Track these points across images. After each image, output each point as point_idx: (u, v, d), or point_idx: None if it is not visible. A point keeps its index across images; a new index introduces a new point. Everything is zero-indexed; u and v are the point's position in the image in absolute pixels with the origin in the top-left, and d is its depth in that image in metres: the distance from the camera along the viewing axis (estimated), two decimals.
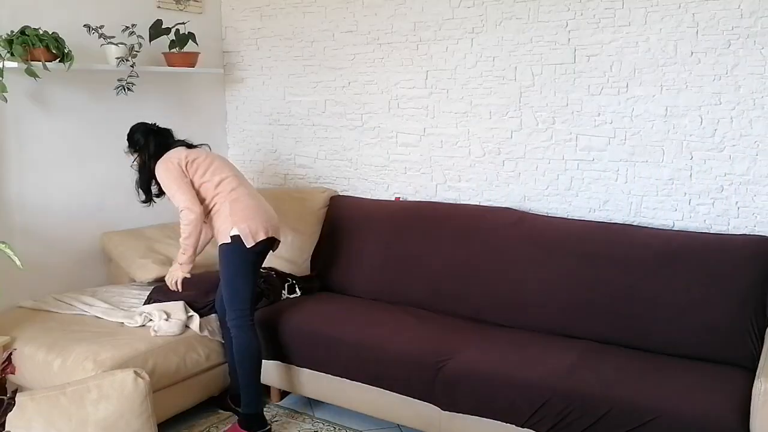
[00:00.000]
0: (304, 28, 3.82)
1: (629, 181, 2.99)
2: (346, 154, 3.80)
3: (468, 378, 2.51)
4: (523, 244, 3.00)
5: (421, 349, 2.69)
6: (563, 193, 3.15)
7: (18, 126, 3.16)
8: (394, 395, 2.71)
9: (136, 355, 2.69)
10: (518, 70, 3.18)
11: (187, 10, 3.89)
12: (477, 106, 3.31)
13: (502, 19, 3.18)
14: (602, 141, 3.02)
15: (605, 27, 2.94)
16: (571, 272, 2.83)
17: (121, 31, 3.41)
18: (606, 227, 2.92)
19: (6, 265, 1.89)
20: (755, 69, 2.66)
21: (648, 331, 2.64)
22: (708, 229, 2.83)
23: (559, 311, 2.83)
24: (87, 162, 3.46)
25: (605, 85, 2.97)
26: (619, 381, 2.35)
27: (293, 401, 3.19)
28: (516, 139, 3.23)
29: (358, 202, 3.60)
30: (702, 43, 2.75)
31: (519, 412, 2.39)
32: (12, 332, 2.84)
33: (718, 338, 2.53)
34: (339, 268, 3.43)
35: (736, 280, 2.55)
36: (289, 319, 3.02)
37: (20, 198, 3.18)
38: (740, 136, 2.73)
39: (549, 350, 2.63)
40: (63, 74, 3.13)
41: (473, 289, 3.04)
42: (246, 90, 4.13)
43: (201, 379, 2.98)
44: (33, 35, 2.97)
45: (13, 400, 1.31)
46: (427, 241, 3.22)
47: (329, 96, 3.80)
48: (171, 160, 2.87)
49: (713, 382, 2.34)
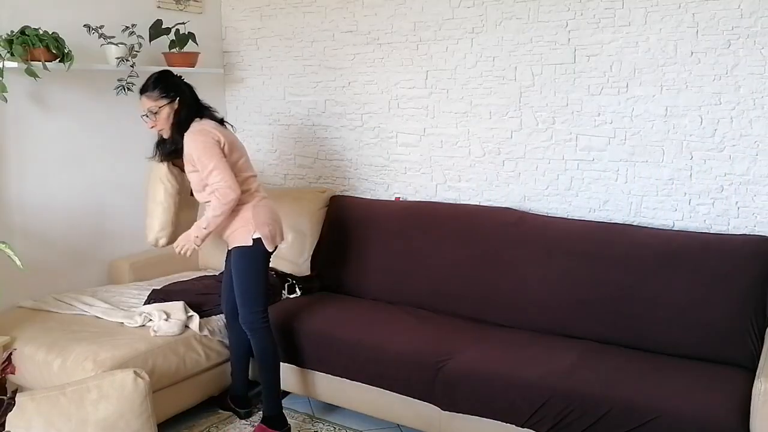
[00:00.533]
0: (304, 28, 3.82)
1: (629, 181, 2.99)
2: (346, 154, 3.80)
3: (468, 378, 2.51)
4: (523, 244, 3.00)
5: (421, 349, 2.69)
6: (563, 193, 3.15)
7: (18, 126, 3.16)
8: (394, 395, 2.71)
9: (136, 355, 2.69)
10: (518, 70, 3.18)
11: (187, 10, 3.89)
12: (477, 106, 3.31)
13: (502, 19, 3.18)
14: (602, 141, 3.02)
15: (605, 27, 2.94)
16: (571, 272, 2.83)
17: (121, 31, 3.41)
18: (606, 227, 2.92)
19: (6, 265, 1.89)
20: (755, 69, 2.66)
21: (648, 331, 2.64)
22: (708, 229, 2.83)
23: (559, 311, 2.83)
24: (87, 162, 3.46)
25: (605, 85, 2.97)
26: (619, 381, 2.36)
27: (293, 401, 3.19)
28: (516, 139, 3.23)
29: (358, 202, 3.60)
30: (702, 43, 2.75)
31: (519, 412, 2.39)
32: (12, 332, 2.83)
33: (718, 338, 2.53)
34: (339, 268, 3.43)
35: (736, 280, 2.55)
36: (289, 320, 3.02)
37: (20, 198, 3.18)
38: (740, 136, 2.73)
39: (549, 350, 2.63)
40: (63, 74, 3.12)
41: (473, 289, 3.04)
42: (246, 90, 4.13)
43: (201, 379, 2.98)
44: (33, 35, 2.97)
45: (13, 400, 1.31)
46: (427, 241, 3.22)
47: (329, 96, 3.80)
48: (210, 133, 2.68)
49: (713, 382, 2.34)
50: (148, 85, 2.73)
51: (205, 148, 2.64)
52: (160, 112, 2.70)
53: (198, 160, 2.64)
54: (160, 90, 2.70)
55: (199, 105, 2.79)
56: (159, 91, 2.70)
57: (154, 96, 2.70)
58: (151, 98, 2.71)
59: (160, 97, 2.70)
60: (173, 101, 2.71)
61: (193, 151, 2.65)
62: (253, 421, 3.01)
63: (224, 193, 2.62)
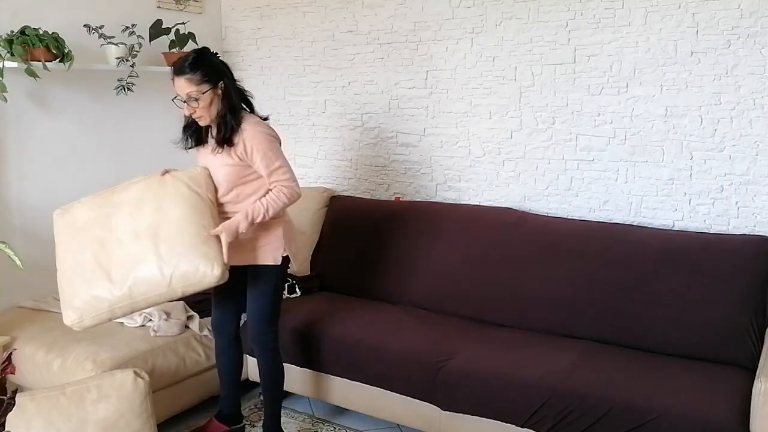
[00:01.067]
0: (304, 28, 3.82)
1: (629, 181, 2.99)
2: (346, 154, 3.80)
3: (468, 378, 2.51)
4: (523, 244, 3.00)
5: (421, 349, 2.69)
6: (563, 193, 3.15)
7: (18, 126, 3.16)
8: (394, 395, 2.71)
9: (135, 355, 2.69)
10: (518, 70, 3.18)
11: (187, 10, 3.89)
12: (477, 106, 3.32)
13: (502, 19, 3.18)
14: (602, 141, 3.02)
15: (605, 27, 2.94)
16: (572, 272, 2.83)
17: (121, 31, 3.41)
18: (606, 227, 2.92)
19: (6, 265, 1.89)
20: (755, 69, 2.66)
21: (648, 331, 2.64)
22: (708, 229, 2.83)
23: (559, 311, 2.83)
24: (87, 162, 3.46)
25: (605, 85, 2.97)
26: (619, 381, 2.35)
27: (293, 401, 3.19)
28: (516, 139, 3.23)
29: (358, 202, 3.60)
30: (702, 43, 2.75)
31: (519, 412, 2.39)
32: (12, 332, 2.84)
33: (718, 338, 2.53)
34: (339, 268, 3.43)
35: (736, 280, 2.55)
36: (288, 320, 3.02)
37: (20, 198, 3.18)
38: (740, 136, 2.73)
39: (549, 350, 2.63)
40: (63, 74, 3.13)
41: (473, 289, 3.04)
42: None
43: (201, 379, 2.98)
44: (33, 35, 2.98)
45: (13, 400, 1.31)
46: (427, 241, 3.22)
47: (329, 96, 3.80)
48: (272, 129, 2.54)
49: (713, 382, 2.34)
50: (186, 67, 2.38)
51: (271, 143, 2.47)
52: (202, 99, 2.39)
53: (264, 154, 2.43)
54: (202, 73, 2.38)
55: (239, 92, 2.52)
56: (201, 74, 2.37)
57: (196, 80, 2.37)
58: (192, 82, 2.38)
59: (203, 81, 2.38)
60: (216, 86, 2.42)
61: (258, 144, 2.42)
62: (253, 422, 3.01)
63: (294, 191, 2.48)
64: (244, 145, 2.44)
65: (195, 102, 2.39)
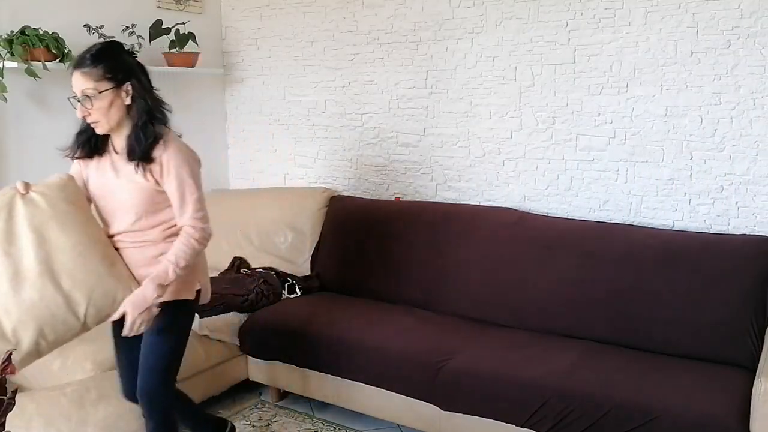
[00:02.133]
0: (304, 28, 3.82)
1: (629, 181, 2.99)
2: (346, 154, 3.80)
3: (468, 378, 2.51)
4: (523, 244, 3.00)
5: (421, 349, 2.69)
6: (563, 193, 3.15)
7: (18, 126, 3.16)
8: (394, 395, 2.71)
9: None
10: (518, 70, 3.18)
11: (187, 10, 3.89)
12: (477, 106, 3.31)
13: (502, 19, 3.18)
14: (602, 141, 3.02)
15: (605, 27, 2.94)
16: (571, 272, 2.83)
17: (121, 31, 3.41)
18: (606, 227, 2.92)
19: None
20: (755, 69, 2.66)
21: (648, 331, 2.64)
22: (708, 229, 2.83)
23: (559, 311, 2.83)
24: None
25: (605, 85, 2.97)
26: (619, 381, 2.35)
27: (293, 401, 3.19)
28: (516, 139, 3.23)
29: (358, 202, 3.60)
30: (702, 43, 2.75)
31: (519, 412, 2.39)
32: None
33: (718, 338, 2.53)
34: (339, 268, 3.43)
35: (736, 280, 2.55)
36: (288, 320, 3.02)
37: None
38: (740, 136, 2.73)
39: (549, 350, 2.63)
40: (63, 74, 3.10)
41: (473, 289, 3.04)
42: (246, 90, 4.13)
43: (201, 379, 2.98)
44: (33, 35, 2.98)
45: (13, 400, 1.31)
46: (427, 241, 3.22)
47: (329, 96, 3.80)
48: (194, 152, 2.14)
49: (713, 382, 2.34)
50: (87, 59, 2.00)
51: (193, 169, 2.08)
52: (98, 99, 1.99)
53: (182, 181, 2.04)
54: (105, 68, 1.99)
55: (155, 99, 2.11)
56: (103, 69, 1.99)
57: (95, 75, 1.98)
58: (89, 77, 1.98)
59: (103, 77, 1.99)
60: (119, 87, 2.01)
61: (180, 167, 2.04)
62: (253, 422, 3.01)
63: (205, 234, 2.08)
64: (161, 165, 2.04)
65: (89, 102, 1.99)
